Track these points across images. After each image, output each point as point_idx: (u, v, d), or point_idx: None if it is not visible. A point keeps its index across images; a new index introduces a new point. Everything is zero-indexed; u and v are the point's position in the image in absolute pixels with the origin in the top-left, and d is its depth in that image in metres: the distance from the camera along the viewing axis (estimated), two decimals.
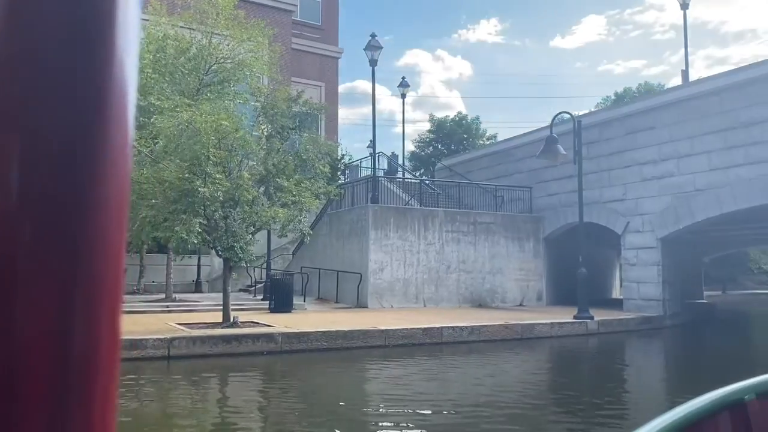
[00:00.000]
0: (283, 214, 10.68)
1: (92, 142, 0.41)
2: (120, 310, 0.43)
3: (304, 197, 10.86)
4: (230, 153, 11.24)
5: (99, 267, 0.41)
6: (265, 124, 12.76)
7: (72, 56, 0.40)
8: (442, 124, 47.97)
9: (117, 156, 0.42)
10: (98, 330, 0.41)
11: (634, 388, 9.74)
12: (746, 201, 15.81)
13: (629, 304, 19.17)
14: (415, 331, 12.71)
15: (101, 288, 0.41)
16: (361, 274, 19.02)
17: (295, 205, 10.88)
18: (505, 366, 11.15)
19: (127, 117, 0.43)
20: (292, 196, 10.84)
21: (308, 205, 10.94)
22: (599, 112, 20.48)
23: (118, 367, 0.43)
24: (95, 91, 0.41)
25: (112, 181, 0.41)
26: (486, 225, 21.38)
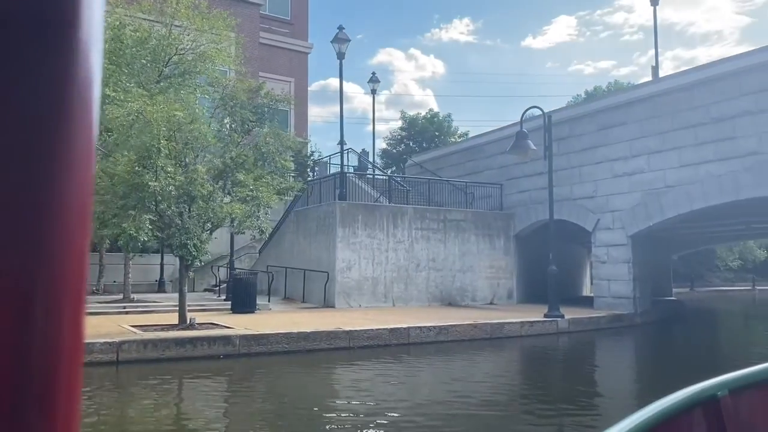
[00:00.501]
0: (240, 210, 10.11)
1: (54, 139, 0.40)
2: (83, 313, 0.42)
3: (262, 192, 10.29)
4: (185, 146, 10.62)
5: (61, 269, 0.40)
6: (225, 117, 12.15)
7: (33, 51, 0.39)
8: (413, 122, 47.56)
9: (80, 153, 0.41)
10: (61, 335, 0.39)
11: (605, 390, 9.41)
12: (716, 198, 15.69)
13: (600, 301, 18.98)
14: (382, 331, 12.24)
15: (64, 290, 0.40)
16: (328, 272, 18.49)
17: (252, 200, 10.30)
18: (472, 368, 10.74)
19: (91, 114, 0.41)
20: (249, 191, 10.27)
21: (267, 201, 10.39)
22: (570, 108, 20.27)
23: (81, 373, 0.42)
24: (57, 87, 0.40)
25: (74, 179, 0.40)
26: (456, 222, 21.02)
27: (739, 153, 15.18)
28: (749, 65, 15.08)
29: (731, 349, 14.99)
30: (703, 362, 11.91)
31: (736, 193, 15.19)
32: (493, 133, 23.68)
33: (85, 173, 0.41)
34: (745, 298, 45.00)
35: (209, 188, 10.10)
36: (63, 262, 0.39)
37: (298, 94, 38.69)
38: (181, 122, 10.18)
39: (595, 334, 15.74)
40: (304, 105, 39.64)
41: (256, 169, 11.69)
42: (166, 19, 17.57)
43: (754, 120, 14.91)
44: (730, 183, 15.35)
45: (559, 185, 20.07)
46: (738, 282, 61.90)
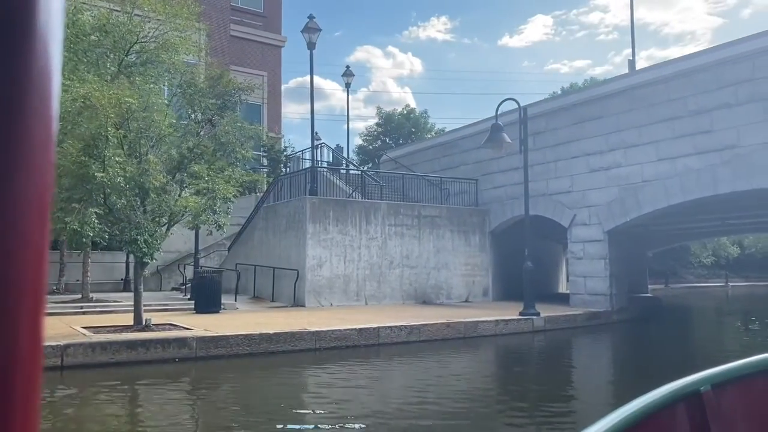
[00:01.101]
0: (195, 204, 9.42)
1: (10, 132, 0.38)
2: (43, 314, 0.41)
3: (218, 185, 9.62)
4: (138, 135, 9.91)
5: (19, 267, 0.38)
6: (183, 105, 11.45)
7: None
8: (390, 118, 47.04)
9: (38, 147, 0.39)
10: (19, 337, 0.38)
11: (582, 392, 8.93)
12: (694, 192, 15.37)
13: (576, 299, 18.61)
14: (350, 332, 11.65)
15: (22, 290, 0.38)
16: (297, 270, 17.85)
17: (209, 193, 9.62)
18: (443, 370, 10.19)
19: (50, 106, 0.40)
20: (204, 183, 9.59)
21: (223, 194, 9.72)
22: (546, 101, 19.86)
23: (41, 377, 0.41)
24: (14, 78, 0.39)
25: (33, 173, 0.39)
26: (431, 218, 20.51)
27: (717, 146, 14.88)
28: (727, 57, 14.77)
29: (710, 347, 14.68)
30: (682, 360, 11.53)
31: (714, 187, 14.88)
32: (469, 127, 23.21)
33: (43, 168, 0.39)
34: (718, 294, 45.30)
35: (162, 180, 9.40)
36: (21, 261, 0.37)
37: (271, 88, 37.97)
38: (133, 109, 9.47)
39: (571, 333, 15.34)
40: (277, 99, 38.87)
41: (216, 161, 11.02)
42: (126, 6, 16.78)
43: (732, 113, 14.60)
44: (708, 177, 15.03)
45: (534, 180, 19.67)
46: (711, 278, 62.49)
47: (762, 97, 14.03)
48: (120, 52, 16.59)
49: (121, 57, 16.58)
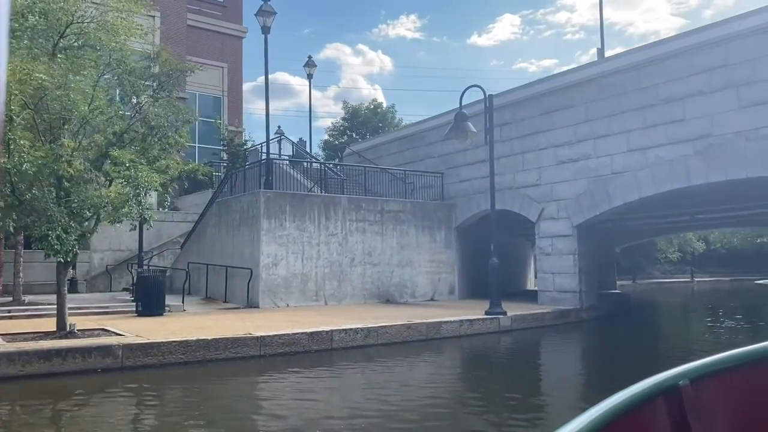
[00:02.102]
0: (114, 194, 8.28)
1: None
2: None
3: (142, 172, 8.49)
4: (53, 117, 8.73)
5: None
6: (113, 86, 10.28)
7: None
8: (356, 112, 45.92)
9: None
10: None
11: (551, 398, 8.07)
12: (666, 184, 14.70)
13: (544, 296, 17.86)
14: (299, 336, 10.61)
15: None
16: (251, 269, 16.73)
17: (130, 182, 8.48)
18: (400, 377, 9.21)
19: None
20: (126, 170, 8.46)
21: (147, 183, 8.59)
22: (513, 91, 19.06)
23: None
24: None
25: None
26: (394, 213, 19.56)
27: (690, 136, 14.23)
28: (699, 42, 14.12)
29: (682, 345, 14.01)
30: (656, 360, 10.78)
31: (687, 178, 14.23)
32: (434, 119, 22.31)
33: None
34: (684, 290, 45.40)
35: (80, 168, 8.25)
36: None
37: (231, 79, 36.63)
38: (46, 87, 8.30)
39: (539, 332, 14.55)
40: (238, 92, 37.55)
41: (150, 148, 9.87)
42: None
43: (705, 101, 13.96)
44: (680, 168, 14.38)
45: (501, 173, 18.87)
46: (677, 274, 62.95)
47: (736, 83, 13.40)
48: (54, 33, 15.27)
49: (56, 39, 15.26)
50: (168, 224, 25.83)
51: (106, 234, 23.36)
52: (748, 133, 13.13)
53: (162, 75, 11.15)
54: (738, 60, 13.37)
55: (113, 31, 15.92)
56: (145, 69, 11.26)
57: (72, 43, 15.96)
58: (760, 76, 13.01)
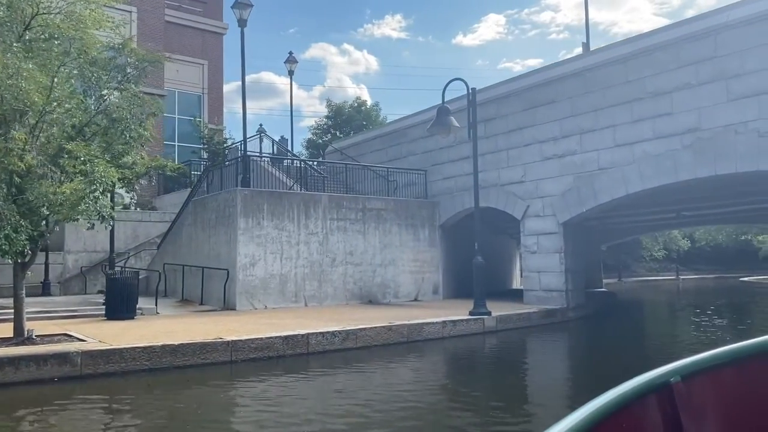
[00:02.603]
0: (69, 191, 7.68)
1: None
2: None
3: (99, 167, 7.89)
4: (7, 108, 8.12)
5: None
6: (72, 75, 9.67)
7: None
8: (340, 110, 45.35)
9: None
10: None
11: (538, 403, 7.61)
12: (654, 179, 14.34)
13: (530, 296, 17.45)
14: (273, 340, 10.07)
15: None
16: (228, 270, 16.15)
17: (86, 177, 7.88)
18: (378, 384, 8.69)
19: None
20: (81, 165, 7.86)
21: (105, 179, 8.00)
22: (497, 86, 18.63)
23: None
24: None
25: None
26: (376, 211, 19.06)
27: (678, 130, 13.87)
28: (687, 34, 13.77)
29: (672, 345, 13.64)
30: (645, 361, 10.37)
31: (675, 174, 13.87)
32: (417, 115, 21.84)
33: None
34: (670, 287, 45.33)
35: (31, 162, 7.65)
36: None
37: (212, 77, 35.92)
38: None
39: (525, 333, 14.12)
40: (219, 89, 36.84)
41: (113, 142, 9.28)
42: None
43: (693, 93, 13.60)
44: (668, 163, 14.01)
45: (485, 170, 18.46)
46: (662, 272, 63.07)
47: (725, 75, 13.06)
48: (19, 25, 14.59)
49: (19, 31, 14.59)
50: (145, 224, 25.17)
51: (80, 235, 22.66)
52: (737, 127, 12.79)
53: (128, 66, 10.55)
54: (727, 51, 13.02)
55: (80, 22, 15.27)
56: (110, 60, 10.66)
57: (39, 35, 15.30)
58: (749, 67, 12.67)
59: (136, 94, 9.80)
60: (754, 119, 12.50)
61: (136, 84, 10.35)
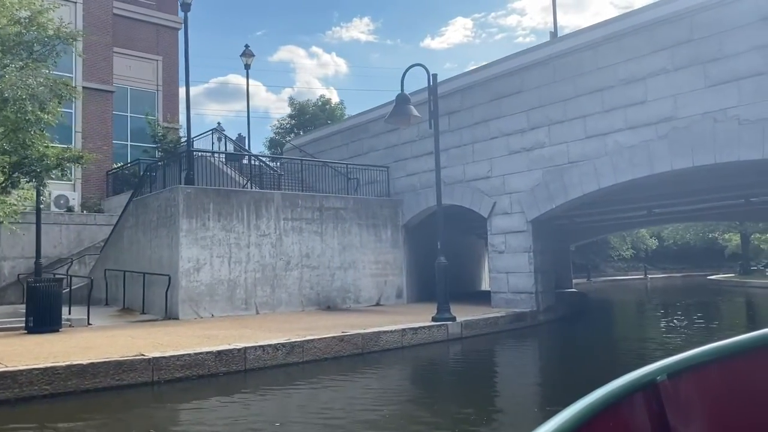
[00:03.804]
0: None
1: None
2: None
3: None
4: None
5: None
6: None
7: None
8: (303, 109, 44.01)
9: None
10: None
11: (509, 423, 6.47)
12: (627, 173, 13.41)
13: (498, 298, 16.42)
14: (204, 356, 8.77)
15: None
16: (170, 276, 14.75)
17: None
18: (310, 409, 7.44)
19: None
20: None
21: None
22: (461, 77, 17.57)
23: None
24: None
25: None
26: (335, 211, 17.82)
27: (653, 119, 12.96)
28: (662, 16, 12.87)
29: (648, 348, 12.66)
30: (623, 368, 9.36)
31: (650, 166, 12.95)
32: (379, 108, 20.66)
33: None
34: (639, 286, 45.02)
35: None
36: None
37: (167, 73, 34.25)
38: None
39: (493, 339, 13.05)
40: (174, 87, 35.19)
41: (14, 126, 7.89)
42: None
43: (668, 80, 12.70)
44: (642, 155, 13.09)
45: (450, 165, 17.40)
46: (630, 271, 63.07)
47: (702, 60, 12.18)
48: None
49: None
50: (90, 228, 23.57)
51: (18, 240, 20.96)
52: (716, 114, 11.91)
53: (35, 42, 9.16)
54: (704, 34, 12.15)
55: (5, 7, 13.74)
56: (16, 35, 9.25)
57: None
58: (728, 51, 11.80)
59: (43, 74, 8.41)
60: (734, 106, 11.63)
61: (47, 63, 8.95)
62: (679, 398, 1.80)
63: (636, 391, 1.72)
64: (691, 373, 1.85)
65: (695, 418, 1.85)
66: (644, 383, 1.74)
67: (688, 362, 1.86)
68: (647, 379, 1.75)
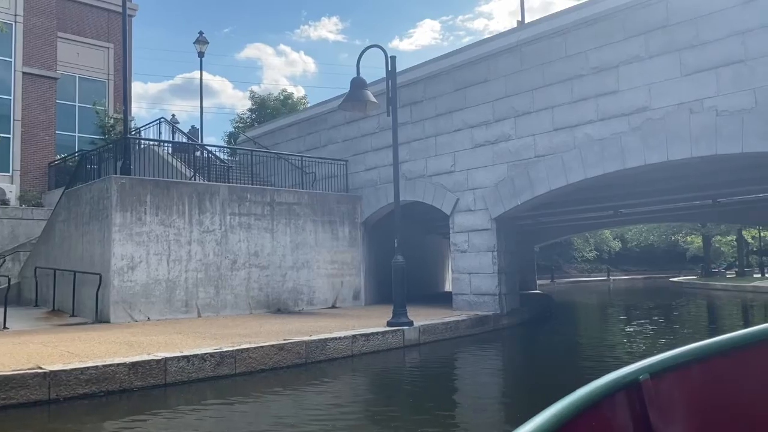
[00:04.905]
0: None
1: None
2: None
3: None
4: None
5: None
6: None
7: None
8: (264, 103, 42.57)
9: None
10: None
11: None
12: (597, 167, 12.56)
13: (460, 300, 15.46)
14: (115, 369, 7.51)
15: None
16: (101, 274, 13.38)
17: None
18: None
19: None
20: None
21: None
22: (424, 65, 16.54)
23: None
24: None
25: None
26: (287, 206, 16.62)
27: (625, 110, 12.13)
28: (636, 0, 12.03)
29: (616, 353, 11.81)
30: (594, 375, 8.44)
31: (622, 160, 12.12)
32: (337, 99, 19.52)
33: None
34: (602, 288, 44.83)
35: None
36: None
37: (119, 61, 32.53)
38: None
39: (453, 345, 12.04)
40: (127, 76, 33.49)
41: None
42: None
43: (642, 68, 11.89)
44: (614, 148, 12.25)
45: (412, 159, 16.40)
46: (594, 272, 63.20)
47: (678, 46, 11.38)
48: None
49: None
50: (27, 222, 21.90)
51: None
52: (692, 105, 11.11)
53: None
54: (680, 19, 11.35)
55: None
56: None
57: None
58: (705, 37, 11.02)
59: None
60: (712, 96, 10.85)
61: None
62: (661, 397, 1.80)
63: (619, 389, 1.73)
64: (673, 373, 1.85)
65: (677, 416, 1.84)
66: (627, 382, 1.75)
67: (670, 362, 1.85)
68: (630, 378, 1.76)
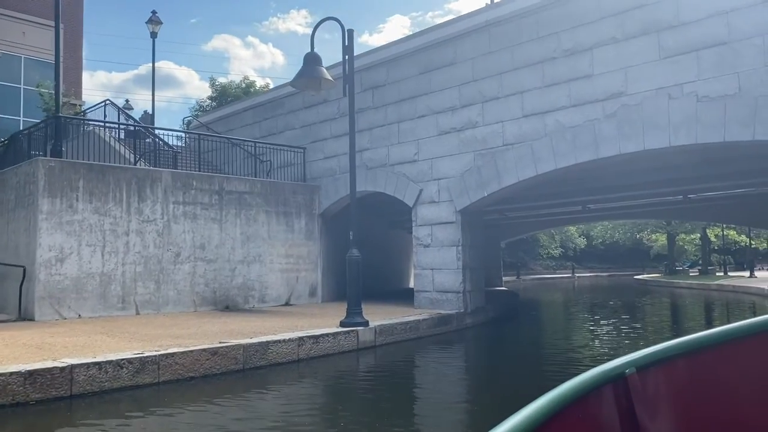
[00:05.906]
0: None
1: None
2: None
3: None
4: None
5: None
6: None
7: None
8: (225, 90, 41.03)
9: None
10: None
11: None
12: (570, 157, 11.74)
13: (422, 298, 14.54)
14: (9, 379, 6.33)
15: None
16: (25, 267, 12.06)
17: None
18: None
19: None
20: None
21: None
22: (388, 46, 15.52)
23: None
24: None
25: None
26: (238, 195, 15.46)
27: (599, 95, 11.32)
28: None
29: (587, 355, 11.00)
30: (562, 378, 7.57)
31: (596, 149, 11.31)
32: None
33: None
34: (567, 285, 44.60)
35: None
36: None
37: (69, 43, 30.77)
38: None
39: (412, 347, 11.09)
40: (77, 59, 31.77)
41: None
42: None
43: (618, 50, 11.08)
44: (587, 136, 11.43)
45: (373, 147, 15.41)
46: (559, 269, 63.24)
47: (657, 27, 10.60)
48: None
49: None
50: None
51: None
52: (671, 90, 10.35)
53: None
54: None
55: None
56: None
57: None
58: (686, 17, 10.25)
59: None
60: (692, 80, 10.10)
61: None
62: (647, 391, 1.80)
63: (605, 383, 1.73)
64: (659, 367, 1.85)
65: (662, 410, 1.84)
66: (613, 376, 1.75)
67: (657, 356, 1.86)
68: (616, 372, 1.76)
